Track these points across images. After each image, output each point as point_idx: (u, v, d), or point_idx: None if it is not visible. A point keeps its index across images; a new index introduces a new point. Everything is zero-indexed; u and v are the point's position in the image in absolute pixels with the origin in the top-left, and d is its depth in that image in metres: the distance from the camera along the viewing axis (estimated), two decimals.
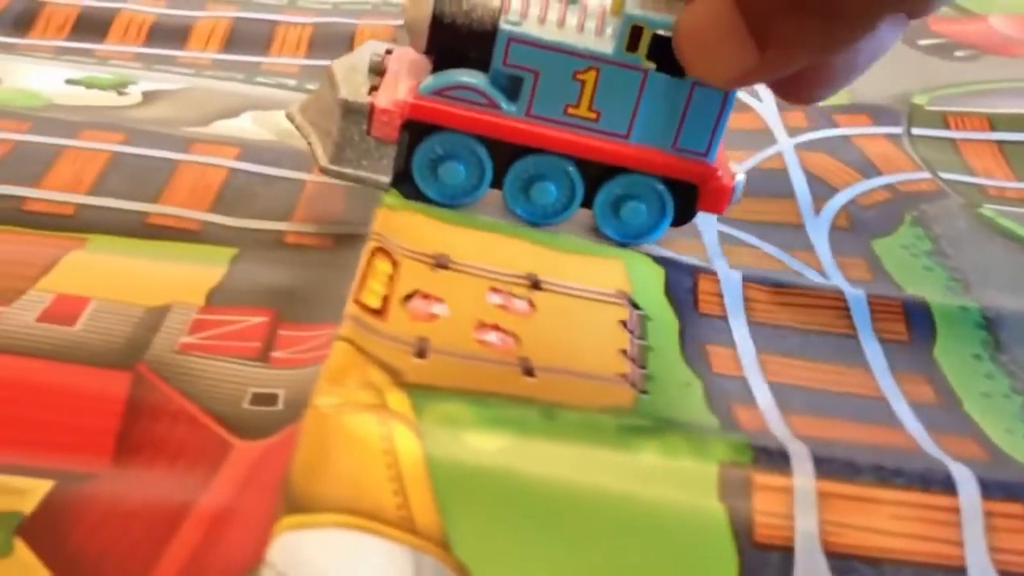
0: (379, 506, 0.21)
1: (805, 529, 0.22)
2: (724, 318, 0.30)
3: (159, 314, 0.28)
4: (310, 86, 0.44)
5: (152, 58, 0.45)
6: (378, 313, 0.27)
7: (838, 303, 0.30)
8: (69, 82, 0.41)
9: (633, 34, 0.29)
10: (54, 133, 0.36)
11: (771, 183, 0.39)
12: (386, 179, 0.31)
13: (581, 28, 0.30)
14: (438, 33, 0.30)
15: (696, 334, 0.29)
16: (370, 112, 0.30)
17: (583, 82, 0.29)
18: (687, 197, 0.31)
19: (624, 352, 0.27)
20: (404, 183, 0.32)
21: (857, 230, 0.36)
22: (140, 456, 0.24)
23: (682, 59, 0.27)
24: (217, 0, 0.51)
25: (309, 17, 0.50)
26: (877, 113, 0.44)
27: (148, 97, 0.41)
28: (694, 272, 0.31)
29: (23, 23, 0.47)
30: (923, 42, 0.54)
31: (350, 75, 0.32)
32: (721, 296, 0.30)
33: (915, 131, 0.43)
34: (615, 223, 0.32)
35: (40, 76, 0.41)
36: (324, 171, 0.32)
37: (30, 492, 0.22)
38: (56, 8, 0.48)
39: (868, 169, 0.40)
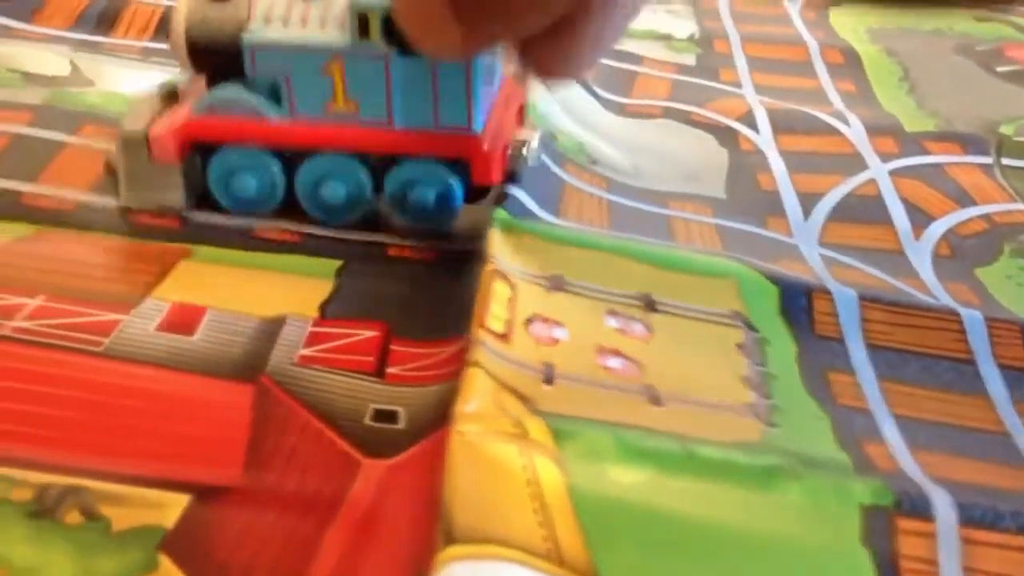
0: (527, 538, 0.21)
1: (951, 575, 0.22)
2: (841, 340, 0.29)
3: (275, 325, 0.28)
4: None
5: None
6: (503, 337, 0.26)
7: (954, 325, 0.30)
8: None
9: (361, 21, 0.29)
10: None
11: (867, 209, 0.38)
12: (180, 201, 0.32)
13: (323, 23, 0.30)
14: (195, 55, 0.30)
15: (815, 359, 0.28)
16: (147, 140, 0.31)
17: (332, 76, 0.30)
18: (467, 173, 0.31)
19: (745, 379, 0.27)
20: (203, 202, 0.32)
21: (959, 258, 0.36)
22: (271, 470, 0.23)
23: (406, 35, 0.27)
24: None
25: None
26: (966, 142, 0.44)
27: None
28: (808, 291, 0.30)
29: (106, 22, 0.47)
30: (1001, 69, 0.54)
31: (140, 107, 0.32)
32: (836, 316, 0.30)
33: (1005, 161, 0.43)
34: (407, 212, 0.32)
35: (131, 80, 0.41)
36: (124, 207, 0.32)
37: (169, 506, 0.22)
38: (140, 7, 0.48)
39: (963, 199, 0.39)
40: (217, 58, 0.30)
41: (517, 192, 0.33)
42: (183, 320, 0.28)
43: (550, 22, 0.24)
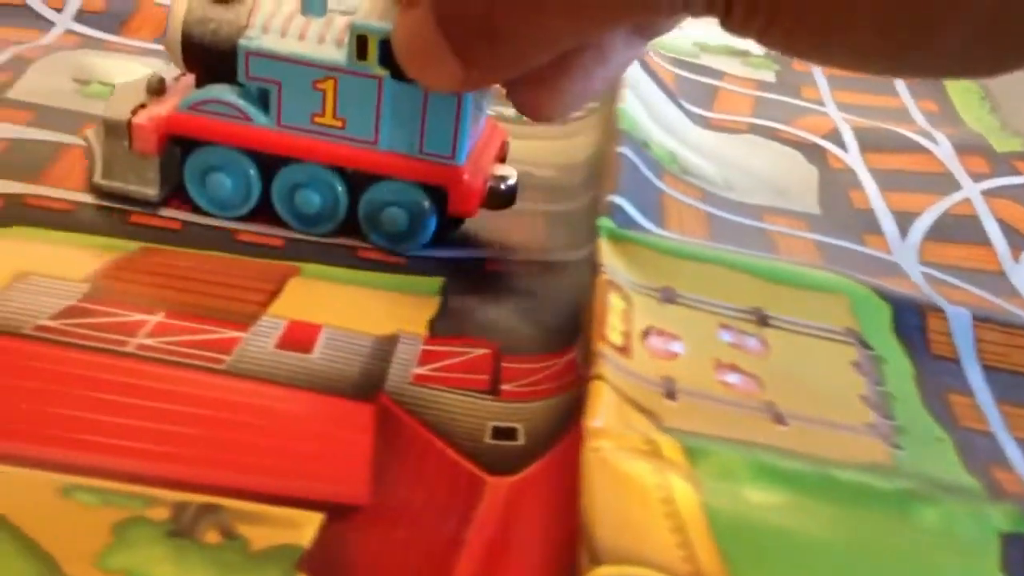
0: (667, 558, 0.20)
1: None
2: (957, 361, 0.29)
3: (388, 343, 0.28)
4: None
5: None
6: (623, 350, 0.26)
7: None
8: None
9: (360, 42, 0.29)
10: None
11: (963, 230, 0.38)
12: (153, 192, 0.32)
13: (322, 39, 0.30)
14: (188, 53, 0.31)
15: (933, 380, 0.28)
16: (129, 128, 0.31)
17: (324, 91, 0.30)
18: (444, 201, 0.31)
19: (864, 398, 0.27)
20: (176, 195, 0.32)
21: None
22: (399, 489, 0.23)
23: (401, 66, 0.27)
24: None
25: None
26: None
27: None
28: (921, 309, 0.30)
29: None
30: None
31: (125, 94, 0.32)
32: (951, 336, 0.30)
33: None
34: (380, 230, 0.32)
35: None
36: (96, 187, 0.32)
37: (305, 525, 0.22)
38: None
39: None
40: (210, 59, 0.31)
41: (621, 201, 0.33)
42: (301, 338, 0.28)
43: (545, 63, 0.25)
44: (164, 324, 0.27)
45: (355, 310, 0.29)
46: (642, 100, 0.42)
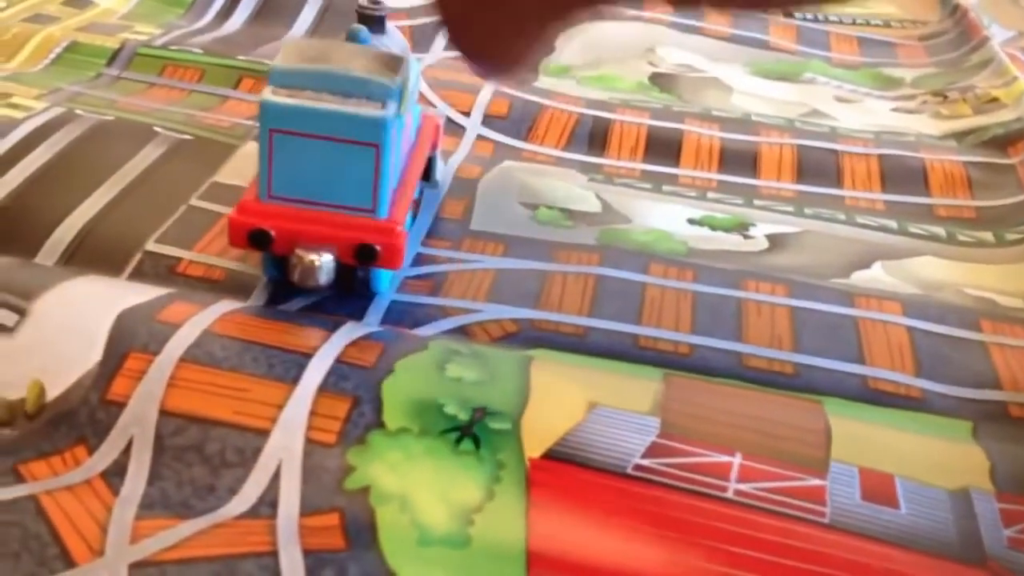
0: None
1: None
2: None
3: (964, 500, 0.28)
4: (892, 223, 0.44)
5: (736, 187, 0.46)
6: None
7: None
8: (691, 222, 0.42)
9: None
10: (722, 284, 0.37)
11: None
12: None
13: None
14: None
15: None
16: None
17: None
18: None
19: None
20: None
21: None
22: None
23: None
24: (769, 126, 0.52)
25: (869, 148, 0.50)
26: None
27: (773, 242, 0.41)
28: None
29: (597, 142, 0.49)
30: None
31: None
32: None
33: None
34: None
35: (663, 215, 0.43)
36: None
37: None
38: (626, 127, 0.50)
39: None
40: None
41: None
42: (880, 489, 0.28)
43: None
44: (748, 468, 0.28)
45: (910, 456, 0.30)
46: None
